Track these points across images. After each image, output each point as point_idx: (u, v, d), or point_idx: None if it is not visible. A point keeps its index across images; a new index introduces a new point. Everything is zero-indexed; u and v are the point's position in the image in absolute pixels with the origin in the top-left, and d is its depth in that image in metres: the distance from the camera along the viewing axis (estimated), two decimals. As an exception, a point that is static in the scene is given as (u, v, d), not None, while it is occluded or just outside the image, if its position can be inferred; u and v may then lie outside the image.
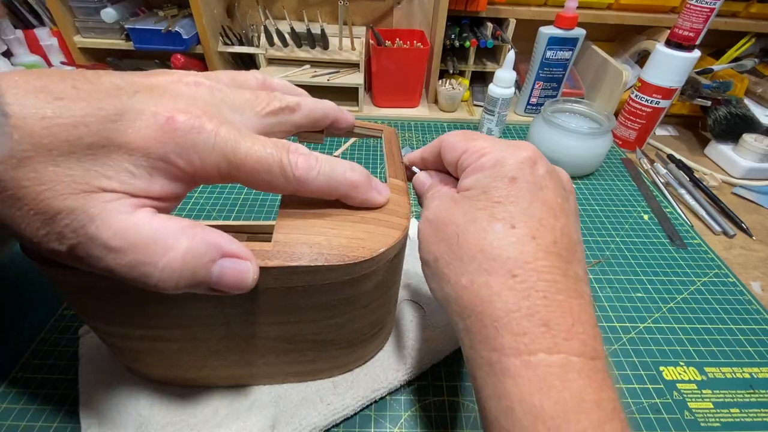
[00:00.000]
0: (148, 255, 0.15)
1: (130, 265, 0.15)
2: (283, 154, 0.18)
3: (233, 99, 0.19)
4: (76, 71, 0.16)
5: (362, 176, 0.21)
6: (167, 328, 0.23)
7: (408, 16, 0.71)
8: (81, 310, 0.23)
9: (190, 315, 0.22)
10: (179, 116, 0.16)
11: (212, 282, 0.17)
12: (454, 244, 0.19)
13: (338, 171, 0.20)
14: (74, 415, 0.28)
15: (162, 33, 0.62)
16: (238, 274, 0.17)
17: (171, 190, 0.17)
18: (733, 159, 0.60)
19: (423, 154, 0.25)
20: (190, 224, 0.17)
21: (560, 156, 0.53)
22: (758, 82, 0.68)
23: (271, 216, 0.46)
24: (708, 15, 0.53)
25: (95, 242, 0.15)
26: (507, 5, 0.67)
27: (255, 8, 0.67)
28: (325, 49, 0.66)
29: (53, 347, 0.32)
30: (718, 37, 0.68)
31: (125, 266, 0.15)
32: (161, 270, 0.16)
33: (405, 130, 0.64)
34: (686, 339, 0.36)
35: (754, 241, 0.48)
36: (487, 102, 0.60)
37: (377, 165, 0.56)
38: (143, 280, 0.16)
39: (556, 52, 0.61)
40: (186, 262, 0.16)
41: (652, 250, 0.45)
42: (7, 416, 0.28)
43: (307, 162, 0.19)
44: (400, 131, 0.64)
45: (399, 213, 0.23)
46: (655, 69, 0.58)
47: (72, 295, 0.21)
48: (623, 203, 0.51)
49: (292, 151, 0.19)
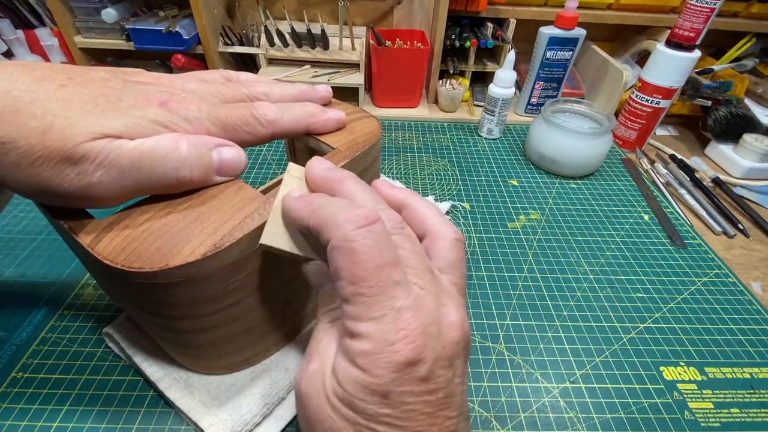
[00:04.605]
0: (163, 157, 0.20)
1: (152, 168, 0.19)
2: (251, 109, 0.24)
3: (203, 90, 0.24)
4: (65, 65, 0.21)
5: (314, 107, 0.27)
6: (248, 294, 0.24)
7: (408, 16, 0.71)
8: (170, 311, 0.23)
9: (260, 276, 0.23)
10: (170, 101, 0.21)
11: (216, 165, 0.22)
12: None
13: (296, 108, 0.26)
14: (74, 415, 0.28)
15: (162, 33, 0.62)
16: (234, 155, 0.22)
17: None
18: (733, 159, 0.60)
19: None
20: (180, 134, 0.21)
21: (560, 156, 0.53)
22: (758, 82, 0.68)
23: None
24: (708, 15, 0.53)
25: (117, 166, 0.19)
26: (507, 5, 0.67)
27: (255, 8, 0.67)
28: (326, 50, 0.66)
29: (53, 347, 0.32)
30: (718, 37, 0.68)
31: (148, 171, 0.19)
32: (176, 161, 0.20)
33: (405, 130, 0.64)
34: (686, 339, 0.36)
35: (754, 241, 0.48)
36: (487, 102, 0.60)
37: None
38: (165, 176, 0.20)
39: (557, 52, 0.61)
40: (191, 152, 0.20)
41: (652, 250, 0.45)
42: (7, 416, 0.28)
43: (272, 109, 0.24)
44: (400, 131, 0.64)
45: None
46: (655, 69, 0.58)
47: (146, 293, 0.21)
48: (623, 203, 0.51)
49: (257, 106, 0.24)
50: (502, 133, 0.64)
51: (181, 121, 0.21)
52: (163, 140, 0.20)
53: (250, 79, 0.27)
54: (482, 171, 0.56)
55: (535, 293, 0.39)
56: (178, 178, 0.20)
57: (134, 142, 0.19)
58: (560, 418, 0.30)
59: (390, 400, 0.16)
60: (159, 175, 0.20)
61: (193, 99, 0.23)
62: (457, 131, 0.65)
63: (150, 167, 0.19)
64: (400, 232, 0.19)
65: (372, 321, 0.16)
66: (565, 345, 0.35)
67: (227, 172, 0.22)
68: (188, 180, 0.21)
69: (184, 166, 0.20)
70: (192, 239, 0.20)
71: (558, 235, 0.46)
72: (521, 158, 0.59)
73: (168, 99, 0.21)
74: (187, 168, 0.20)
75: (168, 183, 0.20)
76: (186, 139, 0.21)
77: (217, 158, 0.22)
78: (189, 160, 0.20)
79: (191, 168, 0.21)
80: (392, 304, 0.17)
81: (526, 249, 0.44)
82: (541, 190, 0.53)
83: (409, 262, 0.18)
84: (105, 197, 0.20)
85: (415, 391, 0.16)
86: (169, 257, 0.19)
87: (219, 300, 0.22)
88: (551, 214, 0.49)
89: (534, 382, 0.32)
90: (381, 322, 0.16)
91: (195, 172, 0.21)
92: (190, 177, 0.21)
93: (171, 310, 0.22)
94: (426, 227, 0.21)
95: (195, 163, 0.21)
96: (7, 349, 0.32)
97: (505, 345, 0.34)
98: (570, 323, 0.36)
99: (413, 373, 0.16)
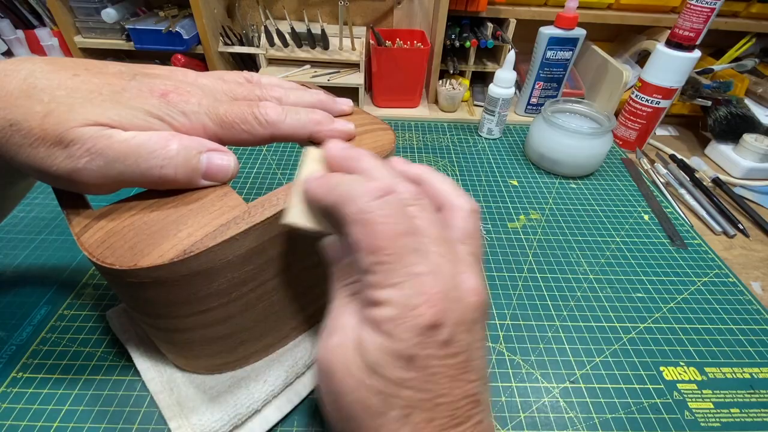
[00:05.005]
0: (150, 153, 0.20)
1: (137, 163, 0.20)
2: (253, 108, 0.23)
3: (215, 87, 0.24)
4: (88, 60, 0.22)
5: (322, 115, 0.26)
6: (246, 288, 0.24)
7: (408, 16, 0.71)
8: (147, 308, 0.23)
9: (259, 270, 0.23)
10: (171, 93, 0.22)
11: (202, 169, 0.22)
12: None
13: (302, 113, 0.25)
14: (74, 415, 0.28)
15: (162, 33, 0.62)
16: (222, 161, 0.22)
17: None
18: (733, 159, 0.60)
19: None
20: (174, 132, 0.22)
21: (560, 156, 0.53)
22: (758, 82, 0.68)
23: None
24: (708, 15, 0.53)
25: (103, 155, 0.19)
26: (507, 5, 0.67)
27: (255, 8, 0.67)
28: (326, 49, 0.66)
29: (53, 347, 0.32)
30: (718, 37, 0.68)
31: (133, 165, 0.20)
32: (162, 159, 0.20)
33: (405, 131, 0.64)
34: (686, 339, 0.36)
35: (754, 241, 0.48)
36: (487, 102, 0.60)
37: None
38: (150, 172, 0.20)
39: (557, 52, 0.61)
40: (179, 152, 0.21)
41: (653, 250, 0.45)
42: (7, 416, 0.28)
43: (275, 110, 0.24)
44: (400, 131, 0.64)
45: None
46: (655, 69, 0.58)
47: (143, 290, 0.21)
48: (623, 203, 0.51)
49: (260, 105, 0.23)
50: (502, 133, 0.64)
51: (177, 114, 0.21)
52: (155, 137, 0.20)
53: (270, 83, 0.27)
54: (482, 171, 0.56)
55: (535, 293, 0.39)
56: (161, 176, 0.21)
57: (126, 134, 0.20)
58: (560, 418, 0.30)
59: (415, 363, 0.16)
60: (143, 171, 0.20)
61: (196, 93, 0.23)
62: (457, 131, 0.65)
63: (135, 161, 0.20)
64: (417, 203, 0.19)
65: (393, 287, 0.17)
66: (565, 345, 0.35)
67: (214, 177, 0.22)
68: (172, 179, 0.21)
69: (170, 165, 0.20)
70: (165, 242, 0.19)
71: (558, 235, 0.46)
72: (521, 158, 0.59)
73: (170, 91, 0.22)
74: (172, 167, 0.21)
75: (152, 179, 0.21)
76: (178, 139, 0.21)
77: (206, 162, 0.22)
78: (175, 159, 0.21)
79: (176, 168, 0.21)
80: (412, 269, 0.17)
81: (526, 249, 0.44)
82: (541, 190, 0.53)
83: (426, 232, 0.18)
84: (89, 183, 0.20)
85: (438, 355, 0.17)
86: (139, 257, 0.19)
87: (192, 304, 0.22)
88: (551, 214, 0.49)
89: (534, 382, 0.32)
90: (402, 288, 0.17)
91: (180, 172, 0.21)
92: (174, 177, 0.21)
93: (146, 307, 0.22)
94: (442, 199, 0.21)
95: (181, 164, 0.21)
96: (7, 349, 0.32)
97: (505, 345, 0.34)
98: (570, 323, 0.36)
99: (436, 336, 0.17)
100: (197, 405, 0.27)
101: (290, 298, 0.26)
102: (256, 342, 0.28)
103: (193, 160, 0.21)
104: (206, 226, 0.20)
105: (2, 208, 0.28)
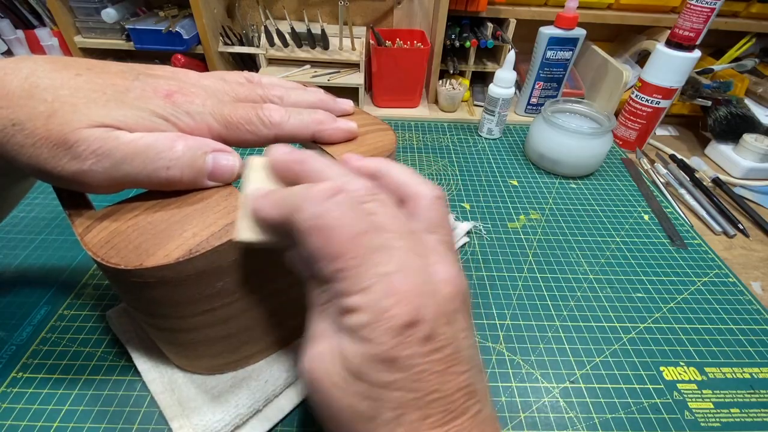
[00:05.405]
0: (157, 155, 0.20)
1: (144, 164, 0.20)
2: (257, 109, 0.24)
3: (218, 87, 0.24)
4: (90, 60, 0.22)
5: (325, 115, 0.26)
6: (239, 297, 0.24)
7: (408, 16, 0.71)
8: (150, 308, 0.22)
9: (255, 279, 0.23)
10: (176, 94, 0.22)
11: (208, 169, 0.22)
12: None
13: (305, 113, 0.25)
14: (74, 415, 0.28)
15: (162, 33, 0.62)
16: (228, 162, 0.22)
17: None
18: (733, 159, 0.60)
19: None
20: (179, 133, 0.22)
21: (560, 156, 0.53)
22: (759, 82, 0.68)
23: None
24: (708, 15, 0.53)
25: (110, 157, 0.19)
26: (507, 5, 0.67)
27: (255, 8, 0.67)
28: (326, 49, 0.66)
29: (53, 347, 0.32)
30: (718, 37, 0.68)
31: (140, 166, 0.20)
32: (168, 160, 0.20)
33: (405, 131, 0.64)
34: (686, 339, 0.36)
35: (754, 241, 0.48)
36: (487, 102, 0.60)
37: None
38: (156, 174, 0.20)
39: (557, 52, 0.61)
40: (185, 153, 0.21)
41: (652, 250, 0.45)
42: (7, 416, 0.28)
43: (279, 111, 0.24)
44: (400, 131, 0.64)
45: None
46: (655, 69, 0.58)
47: (145, 290, 0.21)
48: (623, 203, 0.51)
49: (264, 107, 0.24)
50: (502, 133, 0.64)
51: (182, 115, 0.21)
52: (161, 138, 0.20)
53: (271, 83, 0.27)
54: (482, 171, 0.56)
55: (535, 293, 0.39)
56: (167, 177, 0.21)
57: (132, 135, 0.20)
58: (560, 418, 0.30)
59: (398, 365, 0.16)
60: (149, 172, 0.20)
61: (200, 94, 0.23)
62: (457, 131, 0.65)
63: (142, 163, 0.20)
64: (373, 198, 0.18)
65: (362, 292, 0.16)
66: (565, 345, 0.35)
67: (219, 178, 0.22)
68: (178, 180, 0.21)
69: (176, 166, 0.20)
70: (170, 242, 0.19)
71: (558, 235, 0.46)
72: (521, 158, 0.59)
73: (175, 91, 0.22)
74: (178, 168, 0.21)
75: (158, 180, 0.21)
76: (184, 140, 0.21)
77: (211, 163, 0.22)
78: (181, 160, 0.20)
79: (182, 169, 0.21)
80: (378, 270, 0.16)
81: (526, 249, 0.44)
82: (541, 190, 0.53)
83: (387, 227, 0.17)
84: (94, 185, 0.20)
85: (421, 352, 0.16)
86: (144, 257, 0.19)
87: (196, 304, 0.22)
88: (551, 214, 0.49)
89: (534, 382, 0.32)
90: (372, 291, 0.16)
91: (185, 173, 0.21)
92: (180, 177, 0.21)
93: (149, 307, 0.22)
94: (403, 190, 0.20)
95: (187, 165, 0.21)
96: (7, 349, 0.32)
97: (505, 345, 0.34)
98: (570, 323, 0.36)
99: (415, 333, 0.16)
100: (199, 405, 0.27)
101: (293, 296, 0.26)
102: (258, 341, 0.28)
103: (199, 160, 0.21)
104: (212, 225, 0.20)
105: (2, 208, 0.28)
